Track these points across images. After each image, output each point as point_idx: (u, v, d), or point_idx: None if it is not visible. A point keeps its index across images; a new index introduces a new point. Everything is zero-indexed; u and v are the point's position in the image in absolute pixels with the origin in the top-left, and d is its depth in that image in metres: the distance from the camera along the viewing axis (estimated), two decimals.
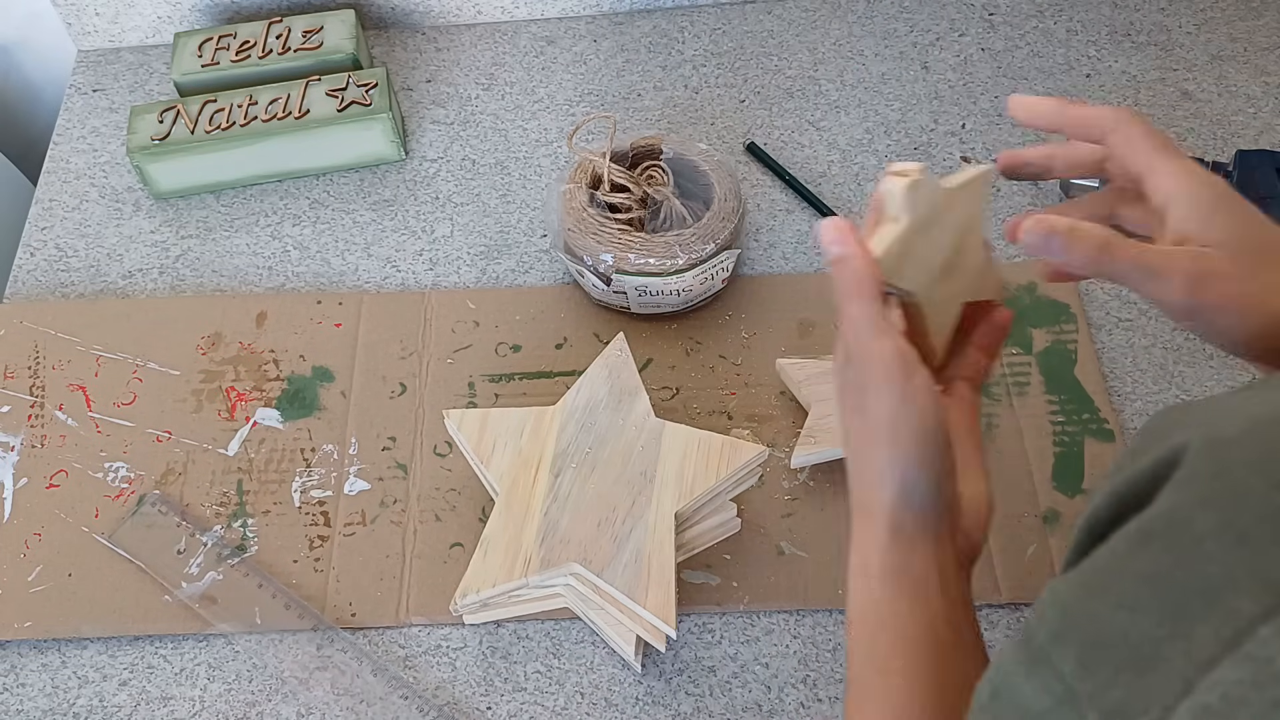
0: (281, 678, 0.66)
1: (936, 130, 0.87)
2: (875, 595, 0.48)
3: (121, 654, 0.68)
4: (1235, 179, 0.73)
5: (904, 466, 0.47)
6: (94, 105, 0.93)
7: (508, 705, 0.65)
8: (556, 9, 0.96)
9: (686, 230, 0.74)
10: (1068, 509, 0.69)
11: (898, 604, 0.48)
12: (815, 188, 0.84)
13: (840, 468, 0.70)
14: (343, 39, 0.88)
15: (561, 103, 0.91)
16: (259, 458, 0.73)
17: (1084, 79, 0.90)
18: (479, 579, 0.63)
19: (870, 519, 0.49)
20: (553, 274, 0.81)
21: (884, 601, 0.48)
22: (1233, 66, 0.89)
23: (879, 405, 0.47)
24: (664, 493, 0.64)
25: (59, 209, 0.87)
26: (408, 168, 0.88)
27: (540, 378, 0.76)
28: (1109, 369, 0.75)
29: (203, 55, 0.88)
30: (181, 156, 0.84)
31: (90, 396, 0.76)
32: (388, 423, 0.75)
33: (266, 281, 0.82)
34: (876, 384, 0.47)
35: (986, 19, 0.94)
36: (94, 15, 0.94)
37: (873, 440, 0.48)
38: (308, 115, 0.84)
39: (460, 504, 0.71)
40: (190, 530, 0.70)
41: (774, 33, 0.95)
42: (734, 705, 0.64)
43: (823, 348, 0.75)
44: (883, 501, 0.48)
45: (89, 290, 0.83)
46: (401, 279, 0.82)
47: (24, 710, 0.66)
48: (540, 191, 0.86)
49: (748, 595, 0.67)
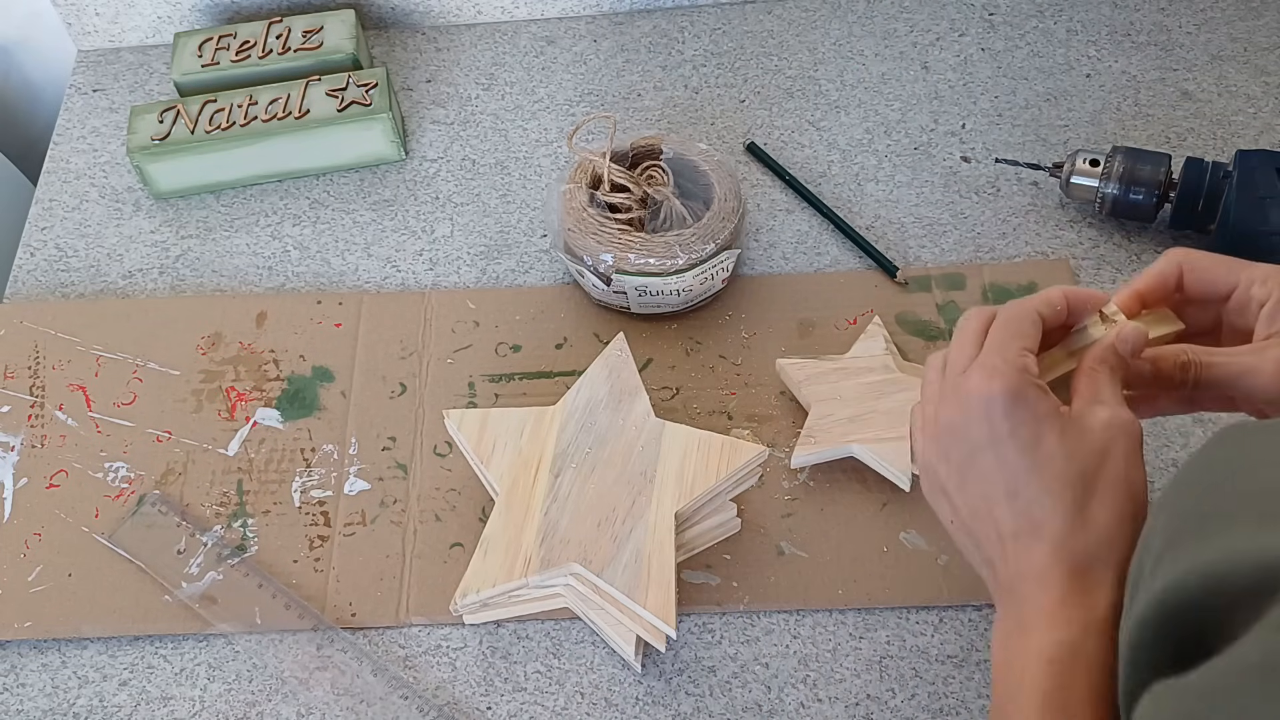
0: (281, 678, 0.66)
1: (936, 130, 0.87)
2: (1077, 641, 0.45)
3: (121, 654, 0.68)
4: (1235, 179, 0.73)
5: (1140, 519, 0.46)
6: (94, 105, 0.93)
7: (508, 705, 0.65)
8: (556, 9, 0.96)
9: (686, 230, 0.74)
10: None
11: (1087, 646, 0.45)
12: (815, 188, 0.84)
13: (841, 468, 0.70)
14: (343, 39, 0.88)
15: (561, 103, 0.91)
16: (259, 458, 0.73)
17: (1084, 79, 0.90)
18: (479, 579, 0.63)
19: (1098, 568, 0.46)
20: (553, 274, 0.81)
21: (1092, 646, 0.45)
22: (1233, 66, 0.89)
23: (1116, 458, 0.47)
24: (664, 493, 0.64)
25: (59, 209, 0.87)
26: (408, 168, 0.88)
27: (540, 378, 0.76)
28: None
29: (203, 55, 0.88)
30: (181, 156, 0.84)
31: (90, 396, 0.76)
32: (388, 423, 0.75)
33: (266, 281, 0.82)
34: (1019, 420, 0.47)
35: (986, 19, 0.94)
36: (94, 15, 0.94)
37: (1099, 489, 0.47)
38: (308, 115, 0.84)
39: (460, 504, 0.71)
40: (190, 530, 0.70)
41: (774, 33, 0.95)
42: (734, 705, 0.64)
43: (822, 347, 0.75)
44: (1122, 556, 0.46)
45: (89, 290, 0.83)
46: (401, 279, 0.82)
47: (24, 710, 0.66)
48: (540, 191, 0.86)
49: (748, 595, 0.67)
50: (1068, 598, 0.46)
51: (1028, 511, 0.47)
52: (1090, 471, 0.47)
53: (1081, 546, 0.46)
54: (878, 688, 0.64)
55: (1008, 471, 0.48)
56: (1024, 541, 0.47)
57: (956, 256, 0.80)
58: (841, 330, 0.77)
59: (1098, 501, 0.46)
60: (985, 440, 0.48)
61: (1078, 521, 0.46)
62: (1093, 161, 0.79)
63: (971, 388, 0.49)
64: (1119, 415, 0.48)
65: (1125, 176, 0.77)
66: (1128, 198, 0.78)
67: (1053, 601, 0.46)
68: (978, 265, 0.79)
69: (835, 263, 0.81)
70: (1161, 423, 0.72)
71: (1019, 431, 0.48)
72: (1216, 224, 0.75)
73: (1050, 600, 0.46)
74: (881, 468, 0.68)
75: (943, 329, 0.76)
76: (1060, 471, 0.47)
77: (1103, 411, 0.48)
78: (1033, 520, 0.47)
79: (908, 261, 0.80)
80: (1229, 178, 0.74)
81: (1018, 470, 0.48)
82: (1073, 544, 0.46)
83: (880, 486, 0.70)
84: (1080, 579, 0.46)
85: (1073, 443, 0.47)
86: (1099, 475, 0.47)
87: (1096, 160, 0.79)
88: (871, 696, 0.64)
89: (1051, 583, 0.46)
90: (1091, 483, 0.47)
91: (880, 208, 0.83)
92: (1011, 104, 0.88)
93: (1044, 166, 0.81)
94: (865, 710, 0.64)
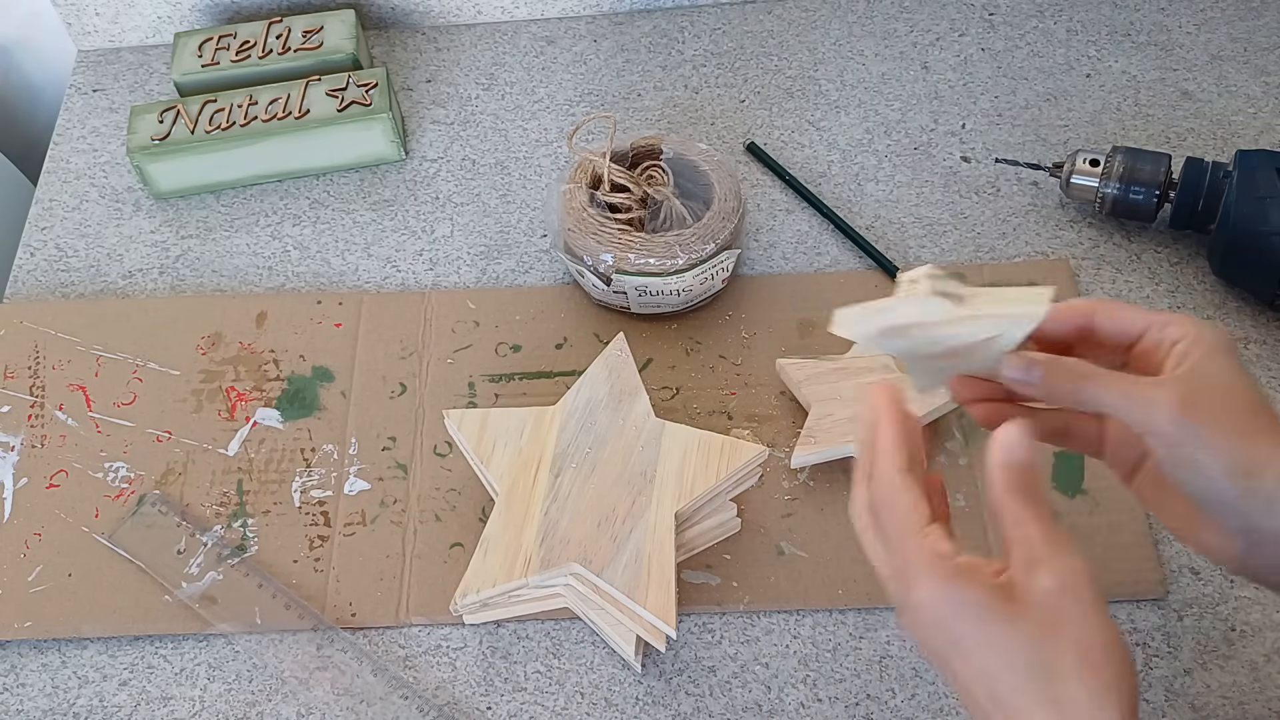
0: (281, 678, 0.66)
1: (936, 130, 0.87)
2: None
3: (121, 654, 0.68)
4: (1235, 179, 0.73)
5: (1120, 686, 0.43)
6: (94, 105, 0.93)
7: (508, 705, 0.65)
8: (556, 9, 0.96)
9: (686, 230, 0.74)
10: (1067, 509, 0.69)
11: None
12: (815, 188, 0.84)
13: (842, 468, 0.70)
14: (343, 39, 0.88)
15: (561, 103, 0.91)
16: (259, 458, 0.73)
17: (1084, 79, 0.90)
18: (479, 579, 0.63)
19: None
20: (553, 274, 0.82)
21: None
22: (1233, 66, 0.89)
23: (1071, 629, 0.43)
24: (664, 493, 0.64)
25: (59, 209, 0.87)
26: (408, 168, 0.88)
27: (540, 378, 0.76)
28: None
29: (203, 55, 0.88)
30: (181, 156, 0.84)
31: (90, 396, 0.76)
32: (388, 423, 0.75)
33: (266, 281, 0.82)
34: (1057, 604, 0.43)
35: (986, 19, 0.94)
36: (94, 15, 0.94)
37: (1067, 675, 0.43)
38: (308, 115, 0.84)
39: (460, 504, 0.71)
40: (190, 530, 0.70)
41: (774, 33, 0.95)
42: (734, 705, 0.64)
43: (822, 348, 0.75)
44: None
45: (89, 290, 0.83)
46: (401, 279, 0.82)
47: (24, 710, 0.66)
48: (540, 191, 0.86)
49: (748, 595, 0.67)
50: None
51: (1010, 712, 0.44)
52: (1050, 654, 0.43)
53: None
54: (878, 688, 0.64)
55: (976, 675, 0.44)
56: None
57: (956, 256, 0.80)
58: None
59: (1069, 681, 0.43)
60: (946, 650, 0.45)
61: (1053, 711, 0.42)
62: (1093, 161, 0.79)
63: (905, 604, 0.46)
64: (1060, 576, 0.44)
65: (1125, 176, 0.77)
66: (1128, 197, 0.78)
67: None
68: (978, 265, 0.79)
69: (835, 263, 0.81)
70: None
71: (966, 639, 0.44)
72: (1216, 224, 0.75)
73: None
74: None
75: None
76: (1022, 664, 0.43)
77: (1044, 579, 0.44)
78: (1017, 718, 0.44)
79: (908, 261, 0.80)
80: (1229, 178, 0.74)
81: (984, 673, 0.44)
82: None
83: None
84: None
85: (1022, 629, 0.43)
86: (1061, 654, 0.43)
87: (1096, 160, 0.79)
88: (871, 696, 0.64)
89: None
90: (1055, 665, 0.43)
91: (880, 208, 0.83)
92: (1011, 104, 0.88)
93: (1044, 166, 0.81)
94: (865, 710, 0.64)
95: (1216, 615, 0.66)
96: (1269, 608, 0.66)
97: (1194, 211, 0.76)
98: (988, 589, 0.44)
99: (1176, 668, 0.64)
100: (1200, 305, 0.77)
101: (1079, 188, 0.79)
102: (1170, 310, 0.51)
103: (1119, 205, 0.78)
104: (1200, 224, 0.77)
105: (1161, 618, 0.66)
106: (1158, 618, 0.66)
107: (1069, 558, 0.44)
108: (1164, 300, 0.78)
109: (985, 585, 0.44)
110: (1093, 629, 0.43)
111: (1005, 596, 0.44)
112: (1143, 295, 0.78)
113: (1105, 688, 0.42)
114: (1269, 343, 0.75)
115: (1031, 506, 0.45)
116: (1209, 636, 0.65)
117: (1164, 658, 0.64)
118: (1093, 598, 0.43)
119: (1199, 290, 0.78)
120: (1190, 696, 0.63)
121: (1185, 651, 0.65)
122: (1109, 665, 0.43)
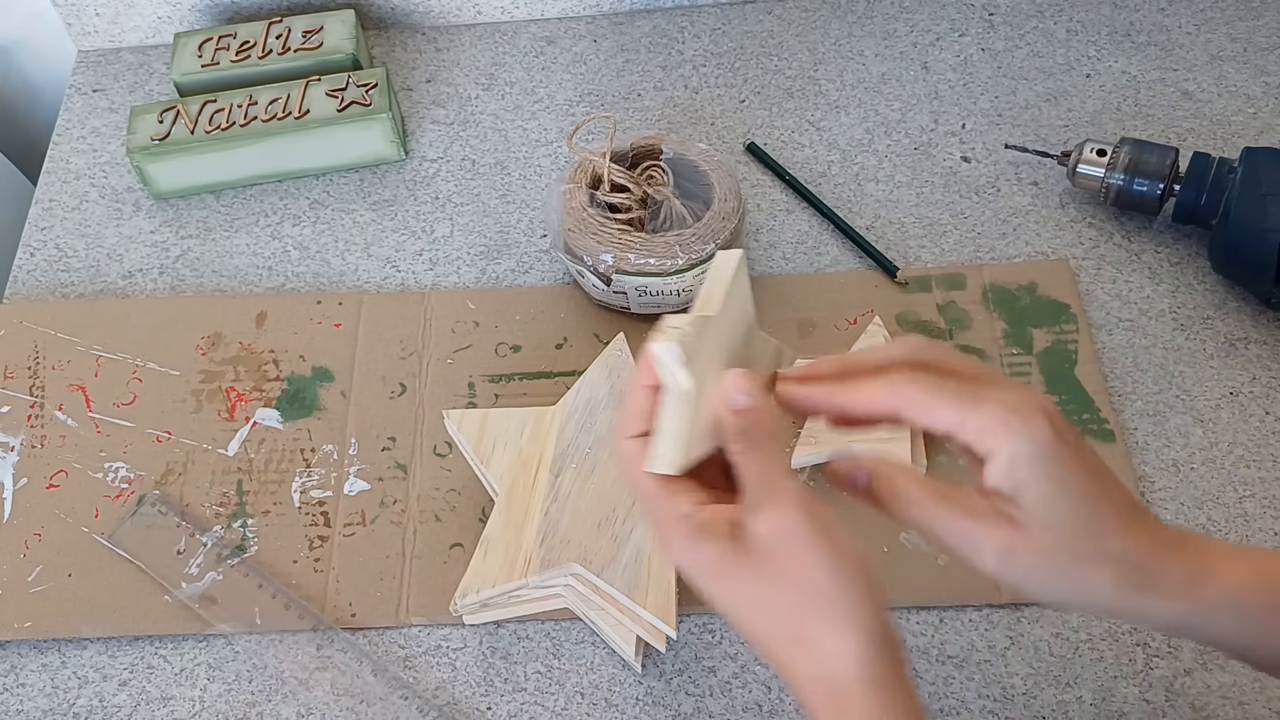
0: (281, 678, 0.66)
1: (936, 130, 0.87)
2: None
3: (121, 654, 0.68)
4: (1240, 174, 0.74)
5: (847, 614, 0.44)
6: (94, 105, 0.93)
7: (508, 705, 0.65)
8: (556, 9, 0.96)
9: (686, 230, 0.74)
10: None
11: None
12: (815, 188, 0.84)
13: None
14: (343, 39, 0.88)
15: (561, 103, 0.91)
16: (259, 458, 0.73)
17: (1084, 79, 0.90)
18: (479, 579, 0.63)
19: (838, 696, 0.44)
20: (553, 274, 0.81)
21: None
22: (1233, 66, 0.89)
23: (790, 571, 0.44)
24: None
25: (59, 209, 0.87)
26: (408, 168, 0.88)
27: (540, 378, 0.76)
28: (1109, 369, 0.75)
29: (203, 55, 0.88)
30: (181, 156, 0.84)
31: (90, 396, 0.76)
32: (388, 423, 0.75)
33: (266, 281, 0.82)
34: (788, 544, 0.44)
35: (986, 19, 0.94)
36: (94, 15, 0.94)
37: (795, 614, 0.44)
38: (308, 115, 0.84)
39: (460, 504, 0.71)
40: (190, 530, 0.70)
41: (774, 33, 0.95)
42: (734, 705, 0.64)
43: (823, 348, 0.75)
44: (845, 665, 0.43)
45: (89, 290, 0.83)
46: (401, 279, 0.82)
47: (24, 710, 0.66)
48: (540, 191, 0.86)
49: None
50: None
51: (768, 653, 0.46)
52: (779, 597, 0.44)
53: (811, 672, 0.44)
54: None
55: (736, 623, 0.47)
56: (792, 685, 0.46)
57: (957, 256, 0.80)
58: (841, 330, 0.77)
59: (805, 621, 0.44)
60: (712, 601, 0.47)
61: (797, 651, 0.44)
62: (1100, 151, 0.79)
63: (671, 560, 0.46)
64: (770, 522, 0.44)
65: (1131, 167, 0.77)
66: (1132, 189, 0.78)
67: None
68: (978, 265, 0.79)
69: (835, 263, 0.81)
70: (1162, 422, 0.72)
71: (716, 594, 0.46)
72: (1218, 219, 0.75)
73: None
74: None
75: (943, 329, 0.76)
76: (761, 610, 0.45)
77: (759, 526, 0.44)
78: (782, 664, 0.45)
79: (908, 261, 0.80)
80: (1234, 173, 0.74)
81: (739, 621, 0.46)
82: (800, 677, 0.44)
83: None
84: (836, 699, 0.44)
85: (751, 579, 0.44)
86: (788, 596, 0.44)
87: (1104, 150, 0.79)
88: None
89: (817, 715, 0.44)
90: (786, 607, 0.44)
91: (880, 208, 0.83)
92: (1011, 104, 0.88)
93: (1053, 154, 0.82)
94: None
95: None
96: None
97: (1197, 206, 0.76)
98: (721, 543, 0.45)
99: (1176, 668, 0.64)
100: (1200, 305, 0.77)
101: (1085, 177, 0.79)
102: (982, 393, 0.45)
103: (1123, 196, 0.78)
104: (1203, 219, 0.77)
105: None
106: None
107: (779, 503, 0.44)
108: (1164, 300, 0.78)
109: (720, 539, 0.45)
110: (817, 567, 0.44)
111: (736, 548, 0.45)
112: (1143, 295, 0.78)
113: (843, 621, 0.43)
114: (1269, 343, 0.75)
115: (754, 451, 0.46)
116: None
117: (1164, 658, 0.64)
118: (812, 537, 0.44)
119: (1198, 290, 0.78)
120: (1190, 696, 0.63)
121: (1185, 651, 0.65)
122: (843, 599, 0.43)
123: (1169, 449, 0.71)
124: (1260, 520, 0.69)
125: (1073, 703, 0.63)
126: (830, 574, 0.44)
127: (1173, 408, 0.73)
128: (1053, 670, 0.64)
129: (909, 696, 0.44)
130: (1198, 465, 0.71)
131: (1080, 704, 0.63)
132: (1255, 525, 0.68)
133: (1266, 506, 0.69)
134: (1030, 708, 0.63)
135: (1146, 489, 0.70)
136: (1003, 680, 0.64)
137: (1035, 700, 0.64)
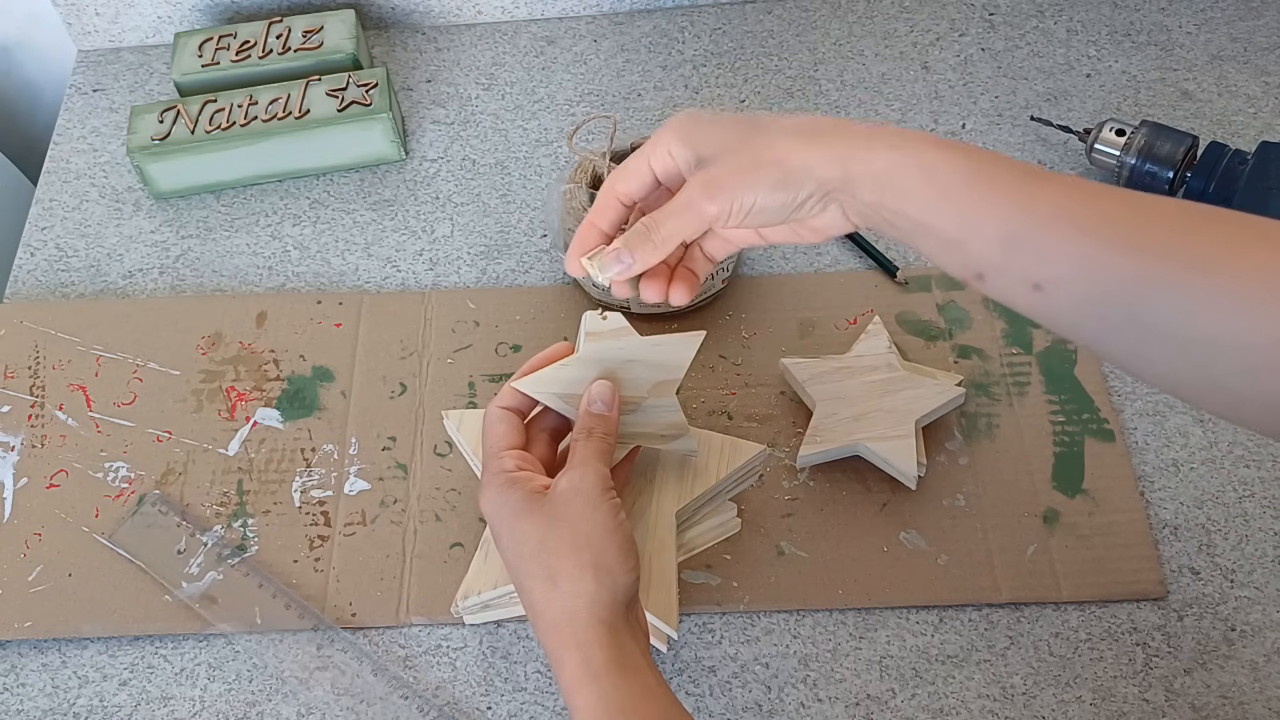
0: (281, 678, 0.66)
1: (936, 130, 0.87)
2: (610, 694, 0.51)
3: (121, 654, 0.68)
4: (1250, 167, 0.74)
5: (600, 563, 0.52)
6: (94, 105, 0.93)
7: (508, 705, 0.65)
8: (556, 9, 0.96)
9: None
10: (1067, 509, 0.69)
11: (632, 691, 0.51)
12: None
13: (841, 468, 0.71)
14: (343, 39, 0.88)
15: (561, 103, 0.91)
16: (259, 458, 0.73)
17: (1084, 79, 0.90)
18: (480, 580, 0.63)
19: (576, 629, 0.52)
20: (553, 274, 0.82)
21: (622, 694, 0.51)
22: (1233, 66, 0.89)
23: (570, 517, 0.53)
24: (664, 493, 0.64)
25: (59, 209, 0.87)
26: (408, 168, 0.88)
27: None
28: (1109, 369, 0.75)
29: (203, 55, 0.88)
30: (181, 156, 0.84)
31: (90, 396, 0.76)
32: (388, 423, 0.75)
33: (266, 281, 0.82)
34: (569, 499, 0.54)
35: (986, 19, 0.94)
36: (94, 15, 0.94)
37: (560, 553, 0.53)
38: (308, 115, 0.84)
39: (460, 504, 0.71)
40: (190, 530, 0.70)
41: (774, 33, 0.95)
42: (734, 705, 0.64)
43: (823, 347, 0.75)
44: (588, 603, 0.52)
45: (89, 290, 0.83)
46: (401, 279, 0.82)
47: (24, 710, 0.66)
48: (540, 191, 0.86)
49: (748, 595, 0.67)
50: (565, 661, 0.51)
51: (519, 582, 0.54)
52: (551, 536, 0.53)
53: (559, 606, 0.52)
54: (878, 688, 0.64)
55: (507, 559, 0.55)
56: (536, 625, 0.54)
57: None
58: (841, 330, 0.77)
59: (561, 557, 0.53)
60: (496, 540, 0.56)
61: (546, 582, 0.53)
62: (1119, 131, 0.79)
63: (480, 504, 0.56)
64: (571, 480, 0.54)
65: (1146, 151, 0.78)
66: (1144, 171, 0.78)
67: (565, 676, 0.51)
68: None
69: (835, 263, 0.81)
70: (1161, 422, 0.72)
71: (502, 532, 0.55)
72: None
73: (564, 676, 0.51)
74: (887, 466, 0.68)
75: (943, 329, 0.76)
76: (532, 546, 0.53)
77: (561, 482, 0.54)
78: (534, 603, 0.53)
79: (908, 261, 0.80)
80: (1244, 165, 0.75)
81: (509, 556, 0.55)
82: (548, 612, 0.53)
83: (880, 486, 0.70)
84: (575, 632, 0.52)
85: (537, 520, 0.54)
86: (559, 536, 0.53)
87: (1123, 130, 0.79)
88: (871, 696, 0.64)
89: (554, 657, 0.52)
90: (553, 544, 0.53)
91: None
92: (1011, 104, 0.88)
93: (1075, 130, 0.82)
94: (865, 710, 0.64)
95: (1216, 615, 0.66)
96: (1269, 608, 0.66)
97: (1204, 195, 0.76)
98: (525, 493, 0.54)
99: (1176, 668, 0.64)
100: None
101: (1102, 155, 0.80)
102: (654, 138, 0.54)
103: (1135, 178, 0.79)
104: None
105: (1161, 617, 0.66)
106: (1158, 617, 0.66)
107: (583, 471, 0.54)
108: None
109: (524, 490, 0.54)
110: (588, 518, 0.53)
111: (537, 498, 0.54)
112: None
113: (589, 563, 0.52)
114: None
115: (587, 441, 0.56)
116: (1209, 636, 0.65)
117: (1164, 658, 0.64)
118: (597, 498, 0.54)
119: None
120: (1190, 696, 0.63)
121: (1185, 651, 0.65)
122: (595, 547, 0.53)
123: (1169, 449, 0.71)
124: (1260, 520, 0.69)
125: (1073, 703, 0.63)
126: (599, 529, 0.53)
127: (1172, 407, 0.73)
128: (1053, 670, 0.65)
129: (640, 653, 0.52)
130: (1197, 465, 0.71)
131: (1080, 704, 0.63)
132: (1255, 525, 0.69)
133: (1266, 506, 0.69)
134: (1030, 708, 0.63)
135: (1147, 489, 0.70)
136: (1003, 680, 0.64)
137: (1035, 700, 0.64)
